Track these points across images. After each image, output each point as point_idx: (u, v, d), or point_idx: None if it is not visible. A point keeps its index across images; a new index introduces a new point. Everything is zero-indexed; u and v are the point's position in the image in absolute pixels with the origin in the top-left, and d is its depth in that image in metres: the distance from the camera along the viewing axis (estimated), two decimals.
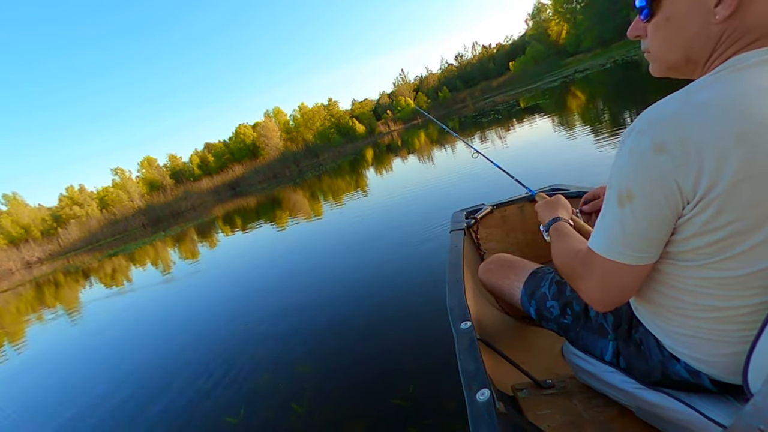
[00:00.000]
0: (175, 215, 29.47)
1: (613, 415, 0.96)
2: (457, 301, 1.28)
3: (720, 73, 0.58)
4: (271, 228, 8.42)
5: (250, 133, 44.20)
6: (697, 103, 0.55)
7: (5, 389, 3.94)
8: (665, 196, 0.58)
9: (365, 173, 13.56)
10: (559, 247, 0.88)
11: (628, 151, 0.60)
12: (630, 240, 0.63)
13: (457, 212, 2.19)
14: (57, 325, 6.49)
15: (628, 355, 0.87)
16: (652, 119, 0.58)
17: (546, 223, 1.07)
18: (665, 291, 0.70)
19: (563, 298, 1.05)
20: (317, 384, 2.13)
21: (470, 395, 0.86)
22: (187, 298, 5.31)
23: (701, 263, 0.62)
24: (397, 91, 66.65)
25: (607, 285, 0.69)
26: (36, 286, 14.41)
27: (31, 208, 39.13)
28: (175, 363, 3.10)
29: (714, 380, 0.72)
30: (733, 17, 0.58)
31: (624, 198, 0.61)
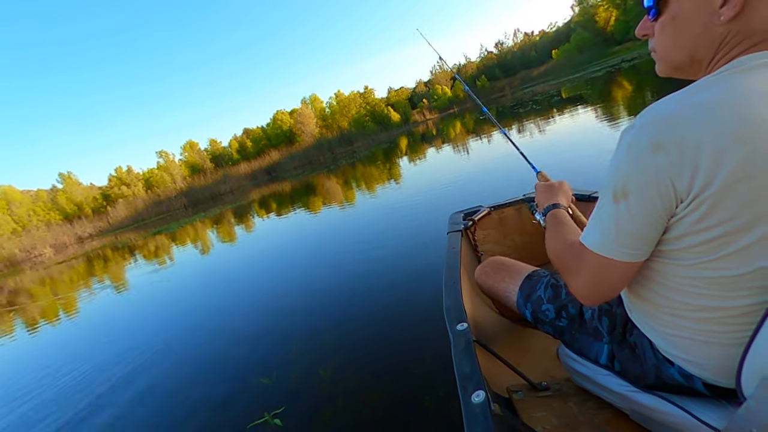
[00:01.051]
0: (214, 198, 30.61)
1: (607, 417, 0.97)
2: (454, 303, 1.28)
3: (721, 74, 0.59)
4: (303, 213, 8.58)
5: (287, 119, 44.99)
6: (696, 103, 0.56)
7: (58, 352, 4.33)
8: (660, 195, 0.58)
9: (399, 162, 13.49)
10: (553, 237, 0.89)
11: (626, 149, 0.61)
12: (623, 236, 0.63)
13: (455, 213, 2.21)
14: (104, 295, 6.96)
15: (622, 359, 0.87)
16: (651, 118, 0.59)
17: (543, 208, 1.07)
18: (658, 290, 0.70)
19: (558, 301, 1.06)
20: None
21: (465, 397, 0.86)
22: (224, 274, 5.64)
23: (693, 262, 0.62)
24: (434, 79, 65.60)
25: (597, 280, 0.70)
26: (87, 259, 15.40)
27: (83, 186, 41.60)
28: (216, 330, 3.39)
29: (707, 384, 0.72)
30: (737, 19, 0.58)
31: (619, 195, 0.62)
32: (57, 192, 39.84)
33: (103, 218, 35.55)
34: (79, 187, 40.81)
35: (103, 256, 14.48)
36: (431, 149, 14.15)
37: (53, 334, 5.29)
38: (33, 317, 6.92)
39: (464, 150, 10.92)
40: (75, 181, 41.13)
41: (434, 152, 12.90)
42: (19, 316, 7.48)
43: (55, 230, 33.67)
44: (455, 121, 29.71)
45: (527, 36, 65.06)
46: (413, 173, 9.64)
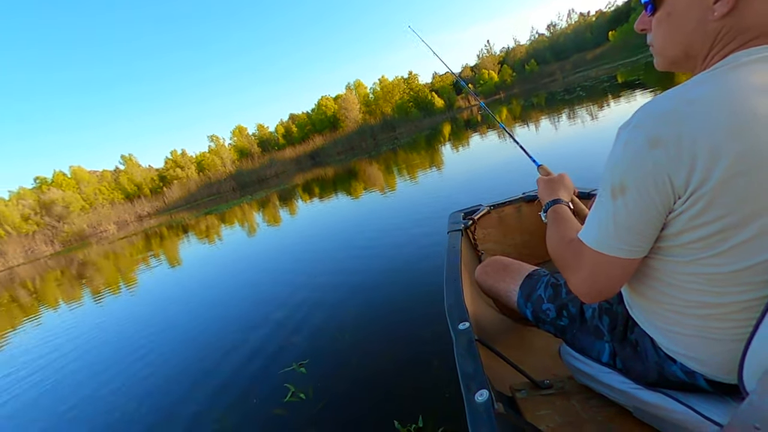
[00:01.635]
0: (260, 181, 31.77)
1: (611, 415, 0.97)
2: (455, 302, 1.28)
3: (716, 70, 0.59)
4: (343, 198, 8.73)
5: (332, 105, 45.46)
6: (692, 99, 0.56)
7: (121, 319, 4.76)
8: (657, 191, 0.58)
9: (441, 149, 13.31)
10: (553, 233, 0.88)
11: (623, 145, 0.60)
12: (621, 233, 0.63)
13: (455, 213, 2.19)
14: (160, 269, 7.51)
15: (624, 357, 0.87)
16: (648, 114, 0.59)
17: (545, 203, 1.05)
18: (657, 287, 0.70)
19: (559, 300, 1.05)
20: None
21: (469, 396, 0.87)
22: (266, 250, 6.04)
23: (691, 259, 0.62)
24: (481, 63, 63.66)
25: (596, 277, 0.69)
26: (145, 236, 16.54)
27: (142, 168, 44.49)
28: (258, 298, 3.84)
29: (709, 380, 0.72)
30: (730, 15, 0.58)
31: (617, 191, 0.62)
32: (119, 173, 42.94)
33: (159, 198, 37.97)
34: (138, 169, 43.70)
35: (160, 234, 15.48)
36: (475, 136, 13.83)
37: (116, 301, 5.81)
38: (98, 287, 7.59)
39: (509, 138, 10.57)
40: (135, 162, 44.08)
41: (478, 139, 12.59)
42: (88, 286, 8.21)
43: (118, 208, 36.46)
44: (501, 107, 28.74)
45: (582, 17, 61.32)
46: (455, 160, 9.50)
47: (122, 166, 43.71)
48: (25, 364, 4.03)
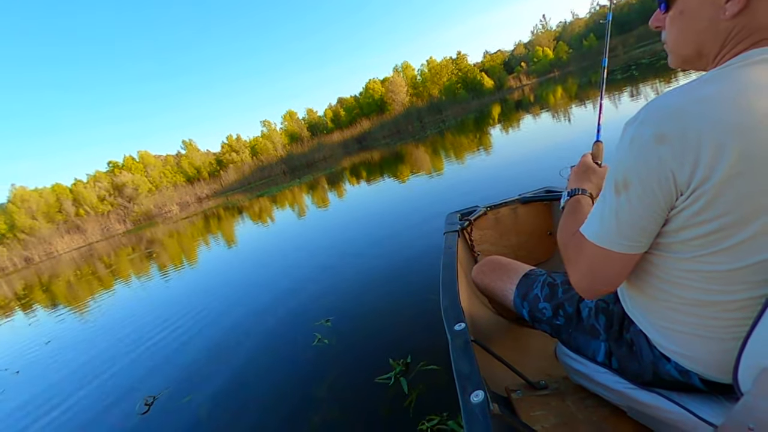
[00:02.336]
0: (309, 165, 32.53)
1: (605, 415, 0.97)
2: (451, 303, 1.28)
3: (726, 68, 0.59)
4: (389, 181, 8.78)
5: (379, 88, 45.25)
6: (700, 97, 0.56)
7: (186, 285, 5.28)
8: (660, 186, 0.58)
9: (489, 131, 12.94)
10: (564, 224, 0.88)
11: (630, 141, 0.61)
12: (623, 228, 0.64)
13: (451, 213, 2.19)
14: (217, 245, 8.13)
15: (619, 356, 0.87)
16: (655, 110, 0.59)
17: (569, 189, 1.03)
18: (655, 283, 0.70)
19: (555, 299, 1.05)
20: None
21: (464, 396, 0.87)
22: (310, 228, 6.60)
23: (690, 256, 0.62)
24: (535, 40, 60.32)
25: (595, 272, 0.70)
26: (204, 216, 17.62)
27: (201, 152, 46.82)
28: (299, 269, 4.52)
29: (704, 380, 0.72)
30: (742, 14, 0.58)
31: (620, 186, 0.62)
32: (181, 157, 45.67)
33: (217, 181, 39.92)
34: (198, 153, 46.12)
35: (217, 215, 16.42)
36: (527, 117, 13.23)
37: (180, 270, 6.39)
38: (164, 261, 8.28)
39: (564, 117, 10.06)
40: (195, 147, 46.54)
41: (530, 121, 12.04)
42: (154, 261, 8.95)
43: (180, 190, 38.95)
44: (556, 86, 27.21)
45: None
46: (504, 144, 9.20)
47: (183, 151, 46.37)
48: (117, 321, 4.88)
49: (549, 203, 2.10)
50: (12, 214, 35.06)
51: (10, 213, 35.16)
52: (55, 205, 37.26)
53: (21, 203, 35.77)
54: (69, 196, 38.00)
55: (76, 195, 38.08)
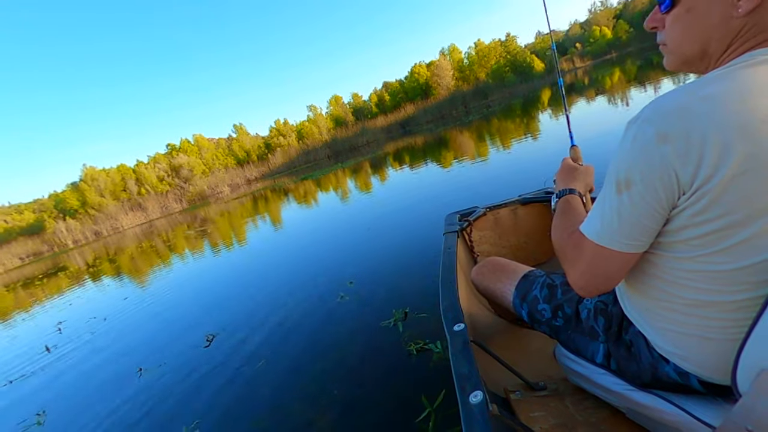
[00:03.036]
0: (352, 149, 32.90)
1: (604, 416, 0.96)
2: (451, 304, 1.28)
3: (731, 67, 0.58)
4: (432, 167, 8.76)
5: (424, 72, 44.55)
6: (705, 96, 0.55)
7: (236, 261, 5.69)
8: (663, 185, 0.58)
9: (538, 116, 12.49)
10: (558, 223, 0.87)
11: (632, 139, 0.60)
12: (624, 227, 0.63)
13: (451, 214, 2.19)
14: (264, 227, 8.50)
15: (618, 357, 0.87)
16: (658, 109, 0.58)
17: (558, 189, 1.04)
18: (654, 283, 0.70)
19: (554, 300, 1.05)
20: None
21: (463, 397, 0.87)
22: (349, 210, 6.91)
23: (690, 255, 0.62)
24: (593, 19, 56.73)
25: (594, 271, 0.69)
26: (253, 198, 18.38)
27: (251, 136, 48.60)
28: (331, 244, 5.09)
29: (703, 381, 0.72)
30: (755, 12, 0.57)
31: (622, 185, 0.61)
32: (232, 140, 47.66)
33: (265, 164, 41.40)
34: (247, 137, 47.90)
35: (265, 196, 17.10)
36: (580, 101, 12.57)
37: (231, 245, 6.87)
38: (218, 237, 8.86)
39: (621, 101, 9.53)
40: (245, 131, 48.36)
41: (584, 105, 11.42)
42: (209, 236, 9.58)
43: (231, 173, 40.81)
44: (613, 68, 25.59)
45: None
46: (553, 129, 8.85)
47: (234, 134, 48.32)
48: (180, 283, 5.65)
49: (548, 204, 2.09)
50: (84, 191, 38.39)
51: (82, 190, 38.52)
52: (120, 184, 40.33)
53: (91, 182, 39.02)
54: (132, 176, 40.95)
55: (138, 175, 40.97)
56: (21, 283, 14.84)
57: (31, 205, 47.24)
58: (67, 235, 34.16)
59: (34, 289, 11.73)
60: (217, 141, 48.84)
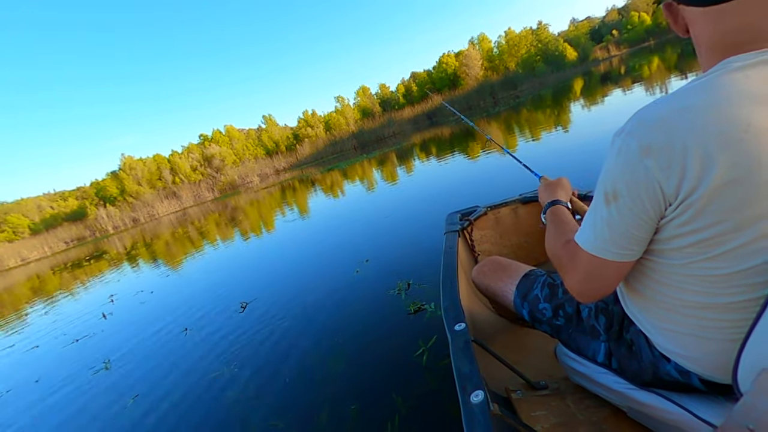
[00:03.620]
0: (378, 140, 32.97)
1: (605, 415, 0.97)
2: (452, 303, 1.28)
3: (708, 76, 0.59)
4: (460, 157, 8.82)
5: (453, 62, 43.93)
6: (683, 107, 0.56)
7: (266, 243, 6.01)
8: (649, 198, 0.59)
9: (570, 107, 12.14)
10: (551, 234, 0.90)
11: (617, 152, 0.62)
12: (615, 238, 0.65)
13: (451, 214, 2.19)
14: (292, 214, 8.80)
15: (619, 356, 0.88)
16: (641, 121, 0.59)
17: (544, 205, 1.07)
18: (653, 286, 0.71)
19: (555, 300, 1.06)
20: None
21: (464, 397, 0.87)
22: (375, 203, 6.90)
23: (684, 262, 0.63)
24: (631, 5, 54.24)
25: (590, 279, 0.72)
26: (281, 188, 18.76)
27: (279, 127, 49.36)
28: (353, 230, 5.51)
29: (704, 380, 0.72)
30: (692, 35, 0.65)
31: (610, 197, 0.64)
32: (261, 131, 48.56)
33: (293, 154, 42.00)
34: (276, 128, 48.67)
35: (293, 186, 17.43)
36: (616, 91, 12.21)
37: (260, 234, 7.22)
38: (247, 226, 9.25)
39: (661, 90, 9.24)
40: (274, 122, 49.16)
41: (619, 95, 11.10)
42: (237, 227, 10.02)
43: (260, 163, 41.67)
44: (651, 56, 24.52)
45: None
46: (585, 121, 8.69)
47: (264, 125, 49.21)
48: (217, 262, 6.22)
49: None
50: (122, 179, 40.21)
51: (120, 179, 40.35)
52: (156, 173, 41.96)
53: (129, 170, 40.79)
54: (167, 166, 42.51)
55: (173, 164, 42.49)
56: (71, 264, 15.86)
57: (74, 192, 49.79)
58: (107, 221, 35.99)
59: (83, 269, 12.57)
60: (247, 132, 49.83)
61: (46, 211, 45.28)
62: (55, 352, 4.30)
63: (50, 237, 36.21)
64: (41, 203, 46.64)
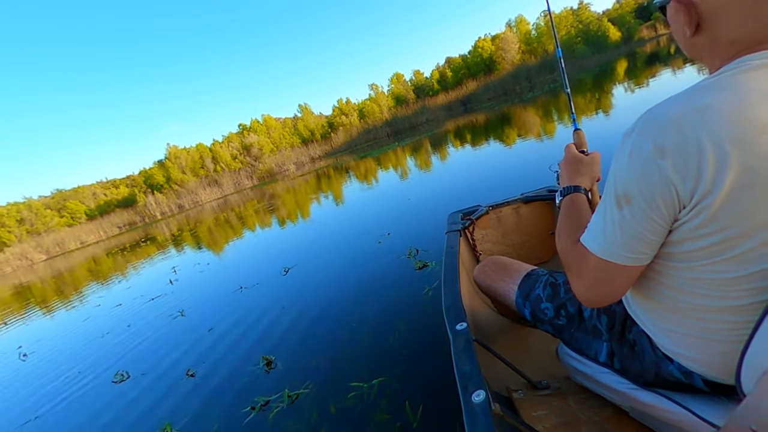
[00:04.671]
0: (412, 128, 32.77)
1: (607, 415, 0.97)
2: (453, 302, 1.29)
3: (722, 75, 0.57)
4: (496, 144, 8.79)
5: (489, 46, 42.80)
6: (699, 106, 0.54)
7: (305, 230, 6.42)
8: (663, 201, 0.58)
9: (612, 90, 11.68)
10: (563, 226, 0.86)
11: (629, 153, 0.60)
12: (627, 241, 0.63)
13: (453, 213, 2.20)
14: (325, 200, 9.29)
15: (622, 356, 0.88)
16: (653, 121, 0.58)
17: (563, 187, 0.99)
18: (658, 288, 0.70)
19: (557, 299, 1.05)
20: None
21: (466, 396, 0.87)
22: (399, 187, 7.19)
23: (693, 265, 0.62)
24: None
25: (600, 284, 0.69)
26: (316, 175, 19.17)
27: (315, 115, 49.83)
28: (385, 210, 6.23)
29: (707, 381, 0.72)
30: (703, 34, 0.62)
31: (622, 200, 0.62)
32: (297, 120, 49.34)
33: (327, 143, 42.46)
34: (312, 116, 49.24)
35: (327, 174, 17.84)
36: (664, 73, 11.51)
37: (298, 217, 7.66)
38: (282, 215, 9.74)
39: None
40: (309, 111, 49.74)
41: (669, 77, 10.43)
42: (275, 214, 10.54)
43: (296, 151, 42.47)
44: None
45: None
46: (628, 104, 8.39)
47: (299, 114, 49.95)
48: (263, 240, 6.72)
49: (551, 202, 2.09)
50: (168, 168, 42.30)
51: (166, 167, 42.47)
52: (198, 161, 43.79)
53: (174, 159, 42.83)
54: (209, 154, 44.24)
55: (214, 153, 44.17)
56: (129, 245, 17.16)
57: (125, 180, 52.66)
58: (155, 208, 38.10)
59: (142, 248, 13.67)
60: (283, 120, 50.68)
61: (100, 198, 48.39)
62: (137, 307, 5.35)
63: (104, 222, 38.89)
64: (96, 191, 49.80)
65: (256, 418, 2.02)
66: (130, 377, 3.07)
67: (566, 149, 1.09)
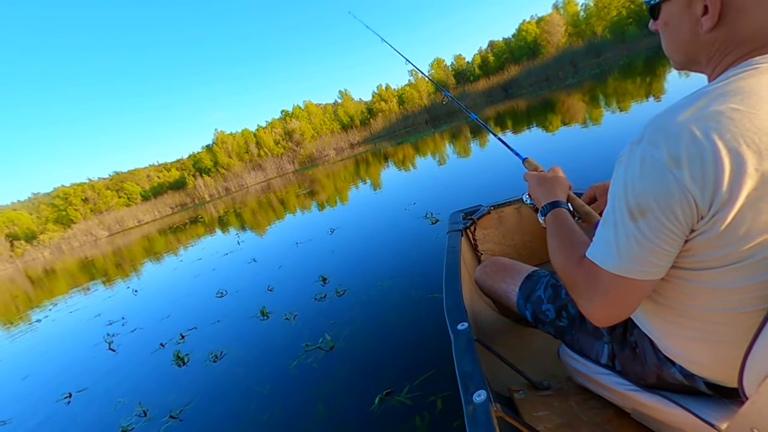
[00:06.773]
0: (449, 114, 32.67)
1: (609, 416, 0.96)
2: (454, 302, 1.28)
3: (732, 78, 0.56)
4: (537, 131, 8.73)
5: (533, 29, 41.32)
6: (711, 113, 0.52)
7: (343, 222, 6.82)
8: (683, 211, 0.55)
9: (665, 74, 11.20)
10: (557, 245, 0.82)
11: (640, 163, 0.57)
12: (644, 255, 0.60)
13: (455, 213, 2.20)
14: (364, 187, 9.63)
15: (623, 358, 0.87)
16: (664, 129, 0.55)
17: (542, 206, 0.97)
18: (661, 293, 0.69)
19: (558, 301, 1.04)
20: None
21: (467, 396, 0.86)
22: (429, 170, 7.51)
23: (700, 272, 0.61)
24: None
25: (614, 302, 0.66)
26: (355, 161, 19.65)
27: (354, 102, 50.38)
28: (412, 197, 6.56)
29: (709, 383, 0.72)
30: (719, 29, 0.59)
31: (636, 212, 0.58)
32: (337, 106, 50.02)
33: (366, 129, 43.07)
34: (351, 103, 49.83)
35: (366, 160, 18.25)
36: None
37: (336, 201, 8.19)
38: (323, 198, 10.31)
39: None
40: (349, 97, 50.35)
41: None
42: (318, 192, 11.23)
43: (336, 137, 43.31)
44: None
45: None
46: (683, 90, 8.09)
47: (339, 100, 50.61)
48: (305, 224, 7.16)
49: None
50: (216, 152, 44.43)
51: (214, 152, 44.61)
52: (243, 146, 45.63)
53: (221, 144, 44.88)
54: (253, 140, 45.93)
55: (258, 138, 45.81)
56: (187, 222, 18.52)
57: (175, 164, 55.33)
58: (204, 190, 40.33)
59: (201, 225, 14.76)
60: (324, 107, 51.54)
61: (153, 180, 51.49)
62: (215, 260, 6.80)
63: (158, 203, 41.68)
64: (150, 173, 53.02)
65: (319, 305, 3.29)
66: (227, 293, 4.55)
67: (526, 177, 1.11)
